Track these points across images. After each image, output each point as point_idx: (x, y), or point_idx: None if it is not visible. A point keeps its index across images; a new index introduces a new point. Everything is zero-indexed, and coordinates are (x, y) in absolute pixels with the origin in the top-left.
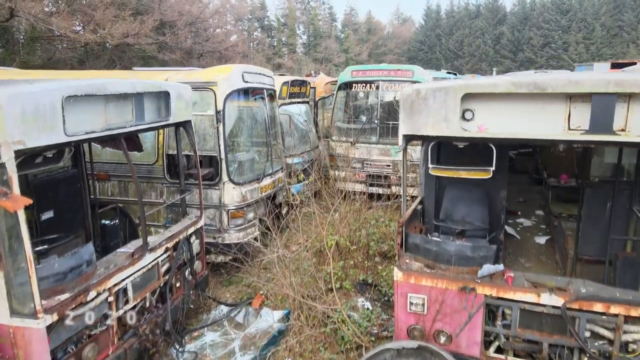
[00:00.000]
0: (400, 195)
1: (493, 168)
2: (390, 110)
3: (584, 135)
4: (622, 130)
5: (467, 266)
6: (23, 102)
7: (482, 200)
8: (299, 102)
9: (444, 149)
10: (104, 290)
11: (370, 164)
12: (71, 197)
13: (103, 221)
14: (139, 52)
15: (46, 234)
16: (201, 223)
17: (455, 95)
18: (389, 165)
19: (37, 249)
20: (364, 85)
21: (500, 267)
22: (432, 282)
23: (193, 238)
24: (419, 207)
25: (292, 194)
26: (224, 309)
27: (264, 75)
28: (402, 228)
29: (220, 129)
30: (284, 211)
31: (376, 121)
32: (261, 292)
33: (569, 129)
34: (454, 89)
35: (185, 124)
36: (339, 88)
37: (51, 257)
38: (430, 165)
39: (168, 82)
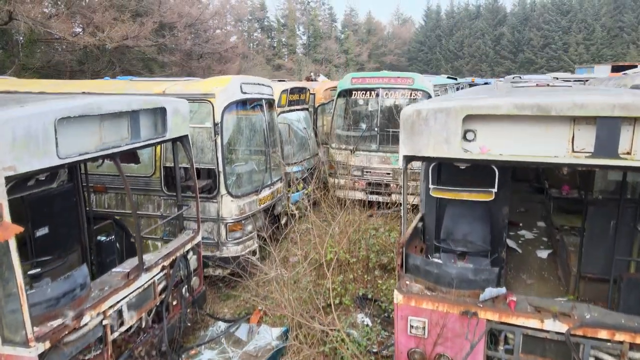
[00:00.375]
0: (400, 203)
1: (495, 189)
2: (390, 118)
3: (589, 159)
4: (628, 153)
5: (468, 289)
6: (14, 127)
7: (484, 217)
8: (298, 110)
9: (445, 169)
10: (99, 314)
11: (370, 172)
12: (67, 211)
13: (99, 237)
14: (138, 54)
15: (41, 250)
16: (198, 238)
17: (456, 117)
18: (389, 174)
19: (30, 272)
20: (364, 92)
21: (503, 290)
22: (433, 306)
23: (190, 254)
24: (420, 224)
25: (292, 203)
26: (222, 325)
27: (263, 85)
28: (403, 249)
29: (218, 141)
30: (283, 221)
31: (376, 129)
32: (259, 308)
33: (573, 151)
34: (455, 110)
35: (182, 139)
36: (339, 95)
37: (44, 281)
38: (431, 186)
39: (164, 98)
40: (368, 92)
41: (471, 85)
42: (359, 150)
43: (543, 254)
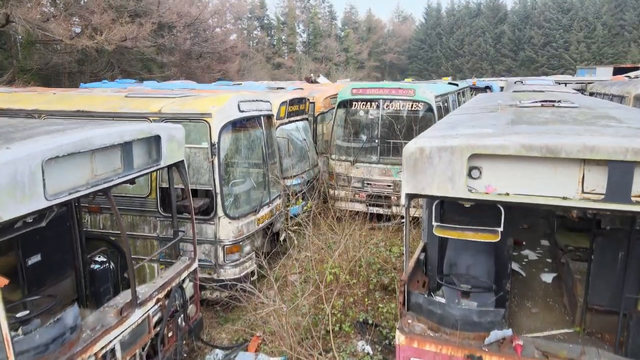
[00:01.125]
0: (401, 215)
1: (501, 229)
2: (391, 129)
3: (599, 203)
4: None
5: (473, 331)
6: None
7: (488, 250)
8: (298, 120)
9: (449, 205)
10: (90, 357)
11: (371, 184)
12: (60, 237)
13: (93, 266)
14: (137, 54)
15: (33, 279)
16: (195, 265)
17: (461, 156)
18: (389, 186)
19: (19, 315)
20: (364, 103)
21: (509, 332)
22: (437, 348)
23: (187, 282)
24: (422, 255)
25: (291, 216)
26: (219, 353)
27: (261, 101)
28: (405, 286)
29: (215, 162)
30: (282, 237)
31: (376, 140)
32: (258, 334)
33: (583, 192)
34: (460, 149)
35: (178, 165)
36: (339, 105)
37: (33, 324)
38: (434, 224)
39: (159, 125)
40: (369, 103)
41: (472, 89)
42: (359, 162)
43: (548, 277)
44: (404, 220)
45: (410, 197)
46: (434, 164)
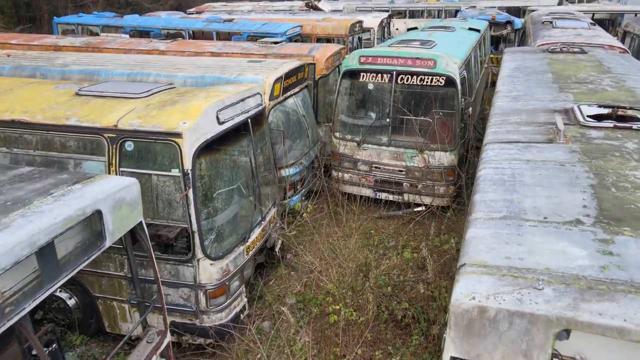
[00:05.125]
0: (416, 204)
1: None
2: (406, 106)
3: None
4: None
5: None
6: None
7: None
8: (296, 93)
9: None
10: None
11: (380, 169)
12: None
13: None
14: None
15: None
16: (167, 340)
17: (546, 330)
18: (401, 171)
19: None
20: (374, 75)
21: None
22: None
23: None
24: None
25: (291, 207)
26: None
27: (249, 97)
28: None
29: (190, 195)
30: (277, 247)
31: (387, 119)
32: None
33: None
34: (545, 319)
35: (133, 231)
36: (343, 76)
37: None
38: None
39: (100, 197)
40: (379, 75)
41: (492, 24)
42: (367, 143)
43: None
44: (416, 210)
45: None
46: (500, 331)
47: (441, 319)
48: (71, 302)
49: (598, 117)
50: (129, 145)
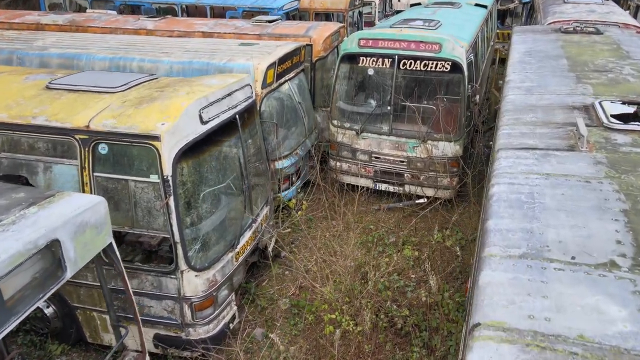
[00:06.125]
0: (418, 196)
1: None
2: (408, 94)
3: None
4: None
5: None
6: None
7: None
8: (291, 78)
9: None
10: None
11: (380, 159)
12: None
13: None
14: None
15: None
16: None
17: None
18: (402, 162)
19: None
20: (375, 60)
21: None
22: None
23: None
24: None
25: (286, 201)
26: None
27: (237, 90)
28: None
29: (172, 203)
30: (270, 247)
31: (389, 107)
32: None
33: None
34: None
35: (102, 253)
36: (342, 60)
37: None
38: None
39: (58, 223)
40: (380, 60)
41: None
42: (367, 132)
43: None
44: (418, 202)
45: None
46: None
47: (444, 328)
48: (49, 311)
49: (623, 118)
50: (103, 148)
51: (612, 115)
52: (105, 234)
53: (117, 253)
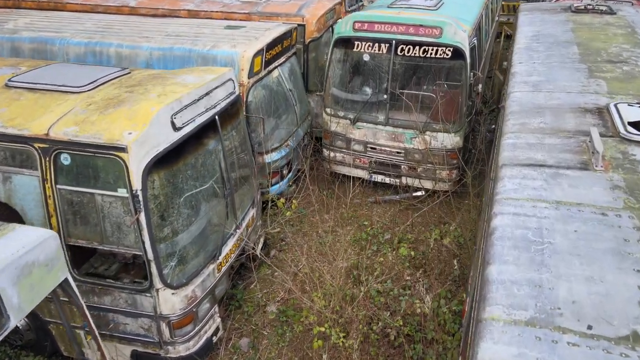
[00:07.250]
0: (415, 188)
1: None
2: (407, 82)
3: None
4: None
5: None
6: None
7: None
8: (282, 63)
9: None
10: None
11: (376, 149)
12: None
13: None
14: None
15: None
16: None
17: None
18: (399, 153)
19: None
20: (371, 44)
21: None
22: None
23: None
24: None
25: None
26: None
27: (217, 87)
28: None
29: (143, 219)
30: (259, 247)
31: (385, 95)
32: None
33: None
34: None
35: (58, 290)
36: (335, 44)
37: None
38: None
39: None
40: (377, 45)
41: None
42: (362, 122)
43: None
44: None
45: None
46: None
47: (439, 340)
48: (21, 324)
49: None
50: (65, 159)
51: (629, 123)
52: (58, 270)
53: (74, 288)
